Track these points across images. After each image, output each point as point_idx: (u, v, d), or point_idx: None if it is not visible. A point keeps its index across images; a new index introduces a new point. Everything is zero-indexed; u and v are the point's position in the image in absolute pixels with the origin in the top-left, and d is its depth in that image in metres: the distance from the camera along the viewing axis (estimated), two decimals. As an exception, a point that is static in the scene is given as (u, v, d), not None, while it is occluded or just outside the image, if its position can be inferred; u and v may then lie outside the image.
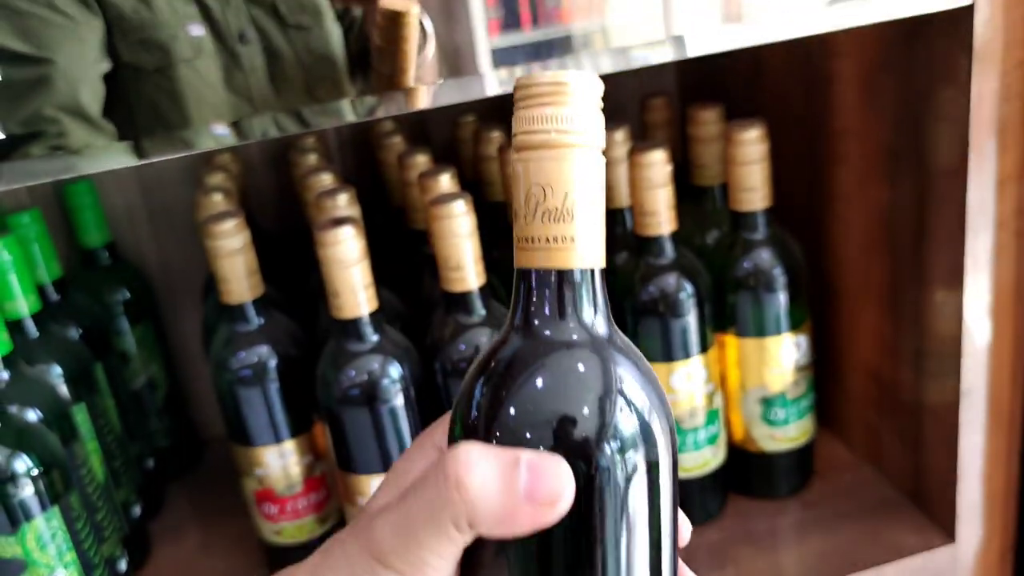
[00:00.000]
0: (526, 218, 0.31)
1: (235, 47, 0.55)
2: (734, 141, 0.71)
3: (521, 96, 0.31)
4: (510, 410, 0.30)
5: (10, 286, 0.74)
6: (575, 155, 0.30)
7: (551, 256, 0.31)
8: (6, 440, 0.63)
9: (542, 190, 0.30)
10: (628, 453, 0.30)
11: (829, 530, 0.77)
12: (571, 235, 0.30)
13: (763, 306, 0.74)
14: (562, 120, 0.30)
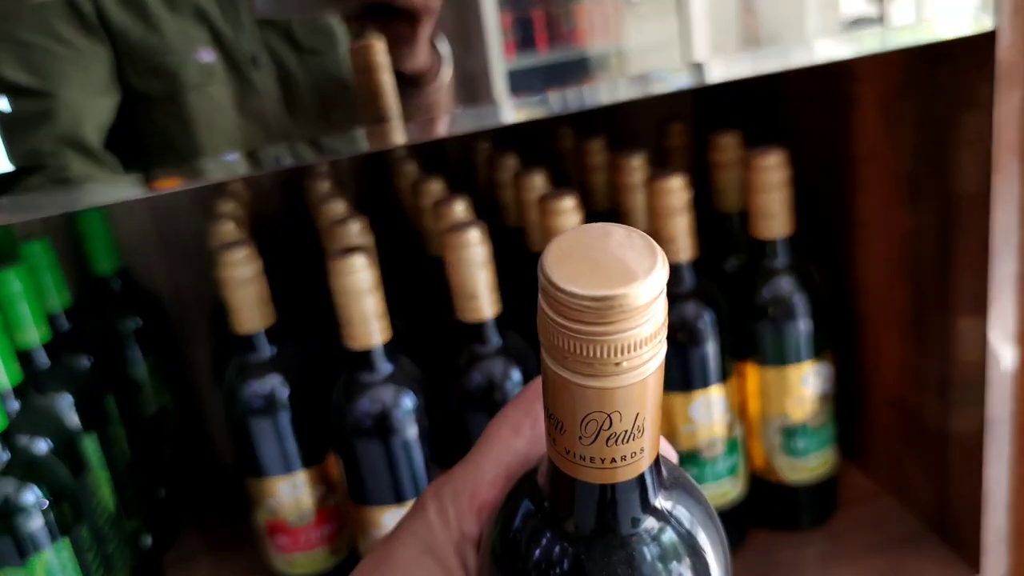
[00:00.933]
0: (582, 440, 0.26)
1: (247, 72, 0.54)
2: (754, 167, 0.70)
3: (572, 305, 0.24)
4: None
5: (20, 316, 0.73)
6: (651, 376, 0.25)
7: (617, 473, 0.27)
8: (16, 471, 0.62)
9: (607, 417, 0.26)
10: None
11: (853, 563, 0.75)
12: (640, 448, 0.27)
13: (784, 334, 0.72)
14: (637, 348, 0.24)
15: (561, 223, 0.66)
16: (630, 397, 0.25)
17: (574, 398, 0.25)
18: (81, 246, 0.88)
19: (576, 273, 0.23)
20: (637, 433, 0.26)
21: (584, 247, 0.24)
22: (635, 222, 0.77)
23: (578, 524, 0.29)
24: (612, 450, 0.26)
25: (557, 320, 0.24)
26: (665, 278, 0.24)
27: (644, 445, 0.27)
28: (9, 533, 0.61)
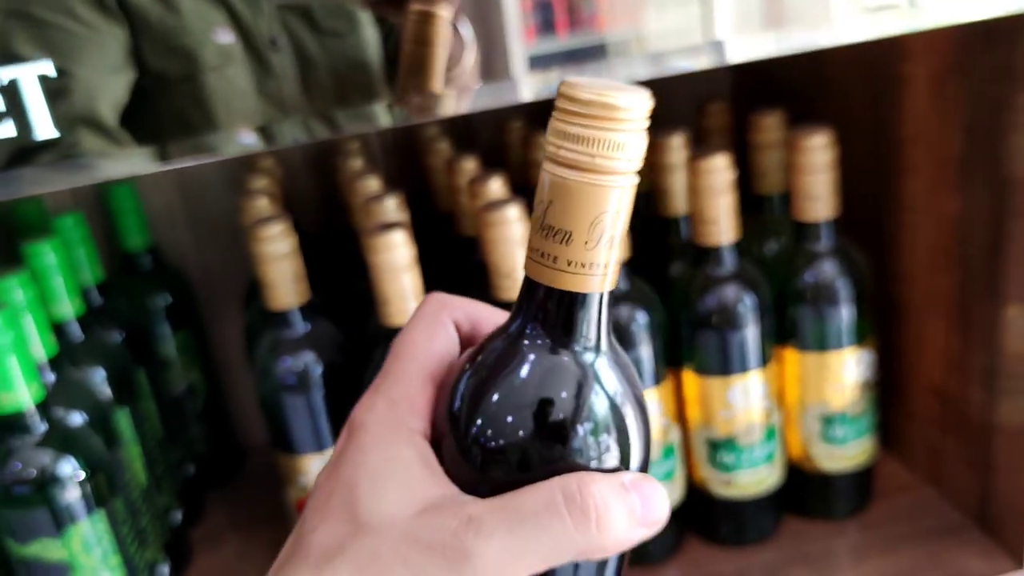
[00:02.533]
0: (546, 233, 0.30)
1: (266, 54, 0.53)
2: (799, 148, 0.68)
3: (567, 108, 0.29)
4: (578, 430, 0.31)
5: (55, 289, 0.73)
6: (615, 184, 0.29)
7: (566, 279, 0.30)
8: (53, 443, 0.62)
9: (601, 217, 0.29)
10: (635, 456, 0.32)
11: (889, 553, 0.73)
12: (591, 262, 0.30)
13: (826, 320, 0.71)
14: (610, 147, 0.28)
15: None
16: (594, 202, 0.29)
17: (547, 188, 0.29)
18: (112, 222, 0.88)
19: (594, 87, 0.28)
20: (591, 243, 0.29)
21: (593, 84, 0.28)
22: (674, 203, 0.76)
23: (525, 327, 0.32)
24: (566, 250, 0.29)
25: (561, 118, 0.29)
26: (649, 111, 0.29)
27: (596, 262, 0.30)
28: (46, 504, 0.61)
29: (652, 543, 0.75)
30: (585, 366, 0.31)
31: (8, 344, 0.59)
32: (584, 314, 0.31)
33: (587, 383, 0.31)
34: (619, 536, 0.29)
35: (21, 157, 0.48)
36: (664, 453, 0.72)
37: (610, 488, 0.29)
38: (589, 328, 0.31)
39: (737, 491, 0.74)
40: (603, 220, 0.29)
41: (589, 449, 0.31)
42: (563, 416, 0.30)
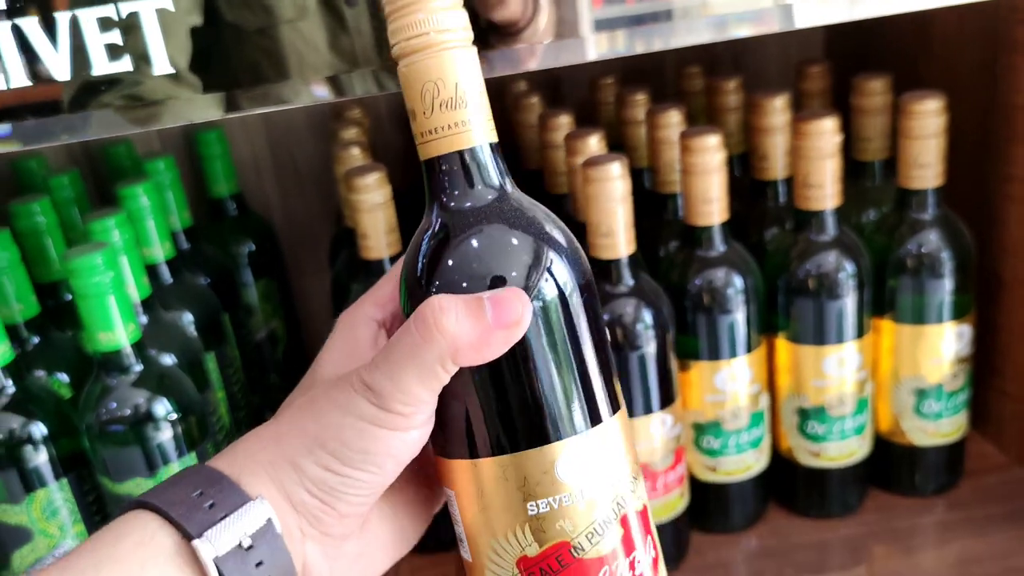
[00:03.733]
0: (425, 113, 0.35)
1: (341, 8, 0.53)
2: (909, 113, 0.66)
3: (392, 8, 0.35)
4: (455, 268, 0.35)
5: (148, 231, 0.73)
6: (456, 49, 0.35)
7: (453, 141, 0.35)
8: (148, 383, 0.62)
9: (435, 85, 0.35)
10: (544, 285, 0.35)
11: (977, 534, 0.72)
12: (467, 119, 0.35)
13: (927, 292, 0.69)
14: (437, 22, 0.34)
15: (703, 161, 0.64)
16: (448, 68, 0.34)
17: (411, 79, 0.35)
18: (199, 168, 0.88)
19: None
20: (461, 103, 0.35)
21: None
22: (773, 166, 0.74)
23: (445, 201, 0.36)
24: (445, 115, 0.35)
25: (391, 19, 0.35)
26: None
27: (470, 117, 0.35)
28: (140, 444, 0.62)
29: (733, 510, 0.75)
30: (478, 213, 0.36)
31: (108, 283, 0.60)
32: (465, 167, 0.36)
33: (481, 232, 0.35)
34: (466, 337, 0.33)
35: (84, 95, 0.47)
36: (752, 420, 0.70)
37: (450, 300, 0.34)
38: (489, 176, 0.36)
39: (825, 462, 0.72)
40: (463, 82, 0.35)
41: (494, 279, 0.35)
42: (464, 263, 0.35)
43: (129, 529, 0.34)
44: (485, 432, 0.35)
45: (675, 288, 0.67)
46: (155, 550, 0.33)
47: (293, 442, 0.35)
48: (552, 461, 0.34)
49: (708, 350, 0.68)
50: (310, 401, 0.36)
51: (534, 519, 0.34)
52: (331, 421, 0.35)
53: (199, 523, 0.33)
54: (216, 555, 0.33)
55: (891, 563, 0.71)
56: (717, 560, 0.73)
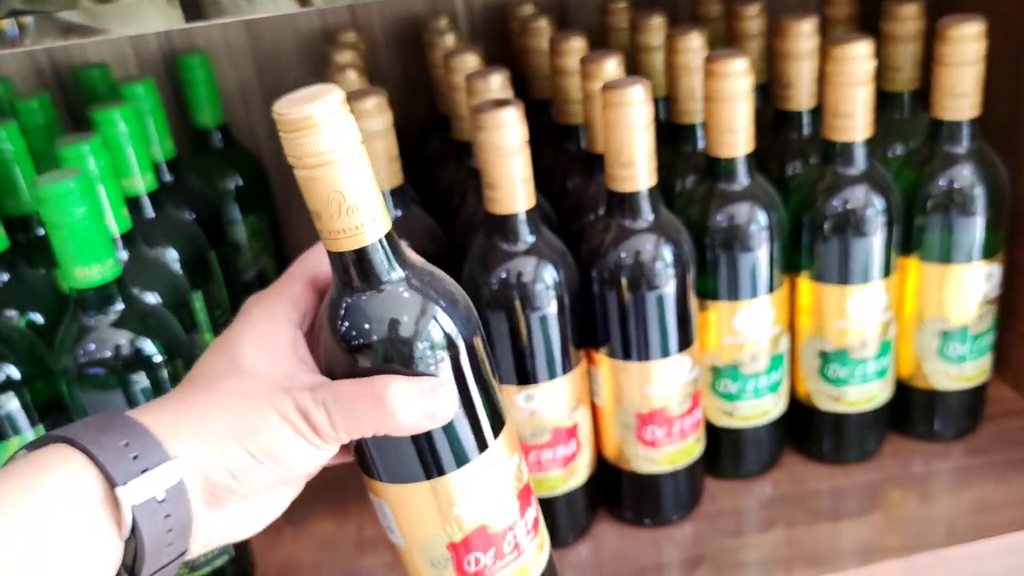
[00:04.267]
0: (332, 217, 0.39)
1: None
2: (948, 38, 0.61)
3: (282, 129, 0.37)
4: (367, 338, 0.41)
5: (127, 160, 0.68)
6: (348, 162, 0.38)
7: (356, 240, 0.39)
8: (130, 323, 0.58)
9: (339, 195, 0.38)
10: (439, 351, 0.41)
11: (999, 479, 0.69)
12: (367, 220, 0.39)
13: (958, 230, 0.65)
14: (328, 142, 0.37)
15: (730, 87, 0.59)
16: (344, 182, 0.38)
17: (313, 190, 0.38)
18: (183, 95, 0.83)
19: (290, 104, 0.37)
20: (359, 208, 0.38)
21: (293, 100, 0.37)
22: (797, 95, 0.69)
23: (351, 285, 0.41)
24: (348, 219, 0.39)
25: (282, 136, 0.37)
26: (342, 101, 0.37)
27: (371, 219, 0.39)
28: (121, 388, 0.58)
29: (748, 456, 0.72)
30: (379, 298, 0.40)
31: (84, 213, 0.55)
32: (365, 261, 0.40)
33: (384, 310, 0.40)
34: (407, 422, 0.39)
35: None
36: (772, 363, 0.67)
37: (402, 388, 0.39)
38: (376, 268, 0.40)
39: (844, 406, 0.69)
40: (358, 190, 0.38)
41: (390, 355, 0.40)
42: (369, 339, 0.40)
43: (55, 462, 0.36)
44: (419, 464, 0.43)
45: (694, 224, 0.63)
46: (78, 488, 0.36)
47: (225, 423, 0.39)
48: (469, 476, 0.43)
49: (728, 289, 0.64)
50: (246, 392, 0.40)
51: (458, 517, 0.44)
52: (269, 421, 0.39)
53: (123, 472, 0.36)
54: (134, 503, 0.36)
55: (908, 509, 0.69)
56: (731, 506, 0.71)
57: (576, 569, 0.67)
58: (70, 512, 0.35)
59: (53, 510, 0.35)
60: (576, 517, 0.68)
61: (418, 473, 0.43)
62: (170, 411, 0.39)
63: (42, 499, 0.35)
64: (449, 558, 0.45)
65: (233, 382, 0.40)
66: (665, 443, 0.65)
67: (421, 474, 0.43)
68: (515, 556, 0.47)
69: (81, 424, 0.38)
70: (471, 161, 0.72)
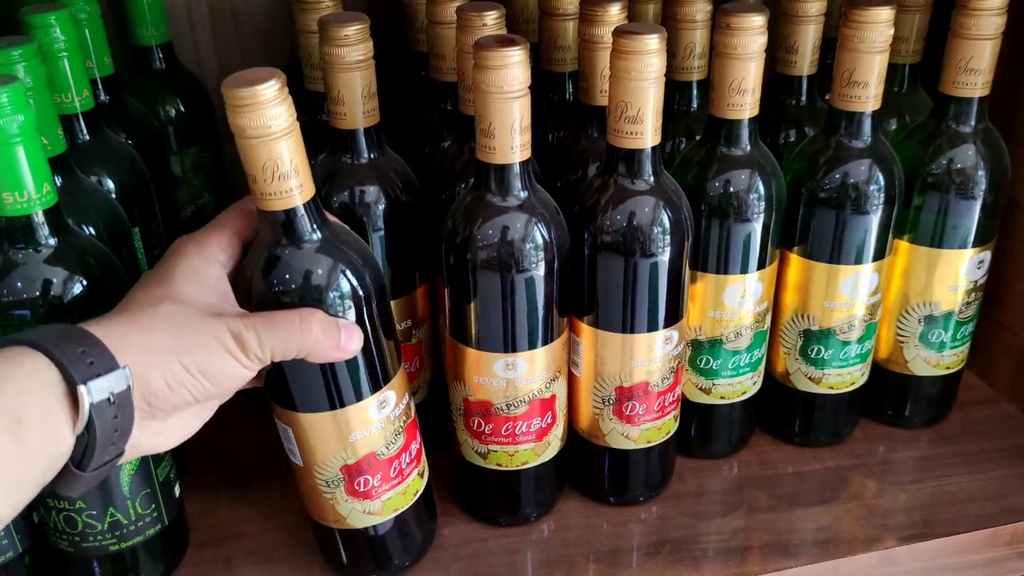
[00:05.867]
0: (266, 181, 0.45)
1: None
2: (970, 9, 0.58)
3: (230, 103, 0.43)
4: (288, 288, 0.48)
5: (64, 71, 0.60)
6: (282, 140, 0.44)
7: (285, 201, 0.46)
8: (64, 259, 0.51)
9: (273, 163, 0.44)
10: (347, 301, 0.49)
11: (974, 471, 0.68)
12: (297, 185, 0.46)
13: (955, 213, 0.63)
14: (270, 118, 0.43)
15: (744, 43, 0.55)
16: (281, 152, 0.44)
17: (252, 156, 0.44)
18: (121, 9, 0.74)
19: (238, 83, 0.43)
20: (292, 175, 0.45)
21: (238, 79, 0.43)
22: (801, 60, 0.66)
23: (279, 241, 0.47)
24: (281, 184, 0.45)
25: (229, 111, 0.43)
26: (282, 83, 0.43)
27: (300, 184, 0.46)
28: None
29: (719, 435, 0.69)
30: (300, 253, 0.47)
31: (17, 129, 0.47)
32: (291, 221, 0.47)
33: (304, 264, 0.47)
34: (320, 349, 0.47)
35: None
36: (755, 340, 0.64)
37: (322, 319, 0.47)
38: (300, 228, 0.47)
39: (823, 388, 0.67)
40: (292, 160, 0.45)
41: (307, 301, 0.47)
42: (290, 287, 0.48)
43: (20, 359, 0.40)
44: (325, 396, 0.51)
45: (689, 190, 0.59)
46: (42, 384, 0.40)
47: (166, 340, 0.44)
48: (366, 409, 0.52)
49: (720, 262, 0.61)
50: (183, 316, 0.45)
51: (352, 443, 0.53)
52: (203, 341, 0.45)
53: (82, 374, 0.40)
54: (91, 402, 0.40)
55: (878, 498, 0.67)
56: (698, 487, 0.68)
57: (538, 546, 0.63)
58: (36, 404, 0.39)
59: (22, 401, 0.39)
60: (543, 493, 0.64)
61: (323, 404, 0.51)
62: (118, 327, 0.43)
63: (11, 389, 0.39)
64: (342, 479, 0.54)
65: (171, 307, 0.45)
66: (644, 419, 0.61)
67: (326, 405, 0.51)
68: (398, 480, 0.55)
69: (39, 331, 0.42)
70: (448, 104, 0.66)
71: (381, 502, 0.56)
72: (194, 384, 0.45)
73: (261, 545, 0.63)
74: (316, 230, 0.48)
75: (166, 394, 0.44)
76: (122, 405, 0.42)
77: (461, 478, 0.64)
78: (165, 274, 0.47)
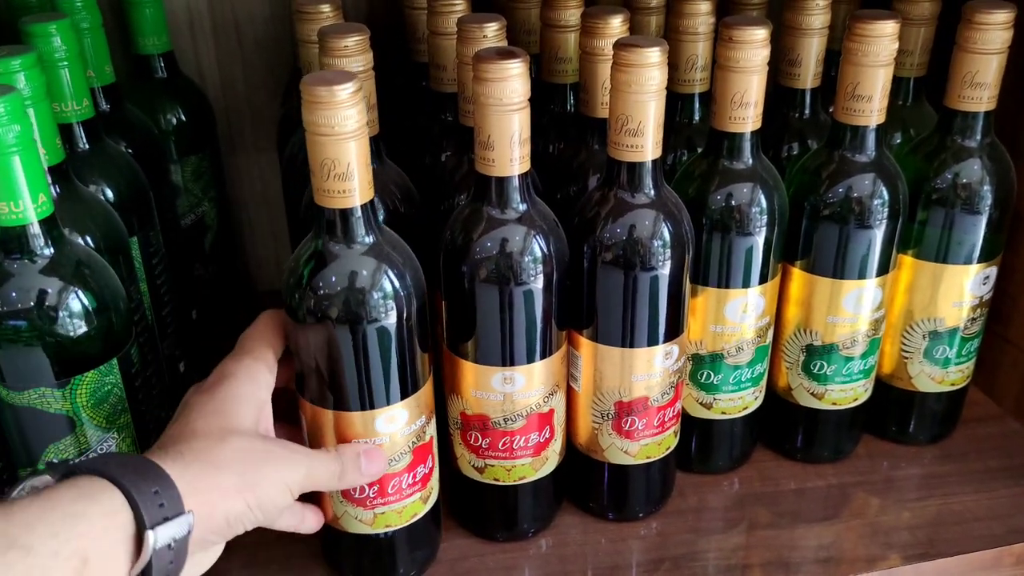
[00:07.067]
0: (322, 178, 0.47)
1: None
2: (975, 24, 0.58)
3: (307, 99, 0.45)
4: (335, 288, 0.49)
5: (62, 81, 0.60)
6: (352, 140, 0.46)
7: (342, 201, 0.47)
8: (60, 270, 0.50)
9: (332, 161, 0.46)
10: (390, 304, 0.50)
11: (979, 490, 0.67)
12: (352, 188, 0.47)
13: (961, 228, 0.63)
14: (341, 119, 0.45)
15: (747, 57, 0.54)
16: (344, 154, 0.46)
17: (316, 151, 0.46)
18: (124, 18, 0.74)
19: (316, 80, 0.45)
20: (350, 176, 0.46)
21: (317, 78, 0.45)
22: (804, 73, 0.65)
23: (330, 239, 0.49)
24: (337, 184, 0.47)
25: (304, 107, 0.45)
26: (352, 89, 0.45)
27: (355, 187, 0.47)
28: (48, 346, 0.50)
29: (721, 451, 0.68)
30: (350, 254, 0.49)
31: (14, 139, 0.47)
32: (342, 221, 0.48)
33: (349, 264, 0.49)
34: (353, 482, 0.52)
35: None
36: (757, 354, 0.63)
37: (353, 453, 0.52)
38: (351, 228, 0.49)
39: (826, 404, 0.66)
40: (353, 162, 0.46)
41: (348, 301, 0.49)
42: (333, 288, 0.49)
43: (97, 495, 0.41)
44: (358, 396, 0.52)
45: (690, 203, 0.59)
46: (115, 525, 0.41)
47: (234, 479, 0.46)
48: (373, 420, 0.53)
49: (722, 276, 0.60)
50: (250, 452, 0.47)
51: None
52: (268, 477, 0.47)
53: (152, 516, 0.41)
54: (155, 547, 0.41)
55: (881, 516, 0.66)
56: (698, 503, 0.67)
57: (536, 562, 0.62)
58: (104, 548, 0.40)
59: (92, 543, 0.40)
60: (541, 507, 0.63)
61: (355, 404, 0.52)
62: (192, 467, 0.45)
63: (84, 528, 0.40)
64: None
65: (238, 442, 0.47)
66: (643, 435, 0.60)
67: (357, 406, 0.52)
68: (396, 499, 0.56)
69: (116, 462, 0.43)
70: (448, 115, 0.66)
71: (373, 514, 0.56)
72: (251, 519, 0.47)
73: (257, 558, 0.63)
74: (367, 233, 0.49)
75: (223, 530, 0.46)
76: (179, 551, 0.43)
77: (458, 493, 0.64)
78: (223, 403, 0.49)
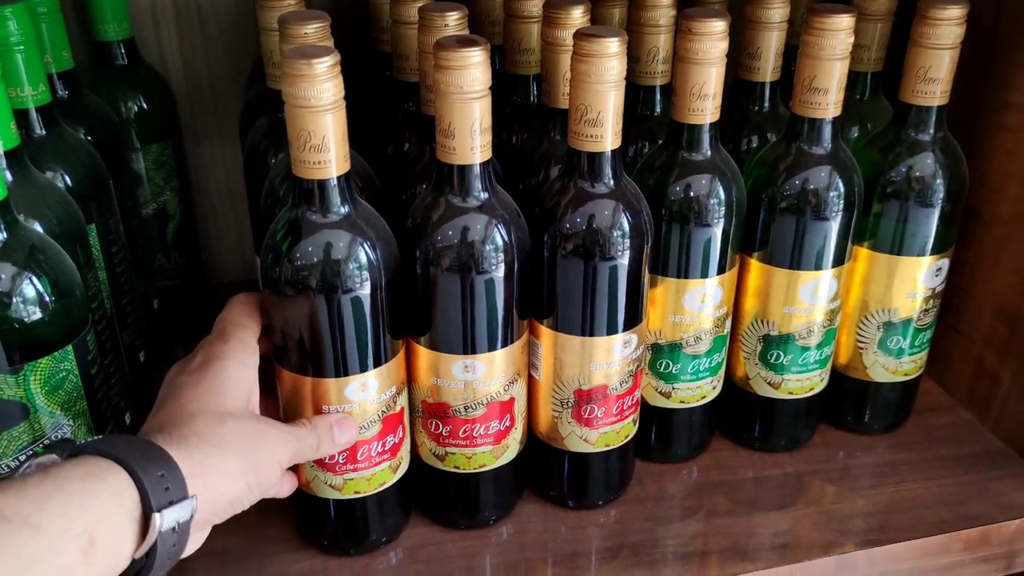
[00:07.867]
0: (299, 149, 0.48)
1: None
2: (929, 19, 0.59)
3: (286, 71, 0.46)
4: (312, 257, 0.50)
5: (17, 65, 0.59)
6: (329, 112, 0.47)
7: (318, 172, 0.49)
8: (13, 255, 0.50)
9: (308, 133, 0.47)
10: (364, 274, 0.51)
11: (929, 477, 0.69)
12: (328, 159, 0.48)
13: (914, 220, 0.64)
14: (319, 91, 0.46)
15: (706, 49, 0.55)
16: (320, 125, 0.47)
17: (293, 122, 0.47)
18: (84, 2, 0.73)
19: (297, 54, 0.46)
20: (326, 148, 0.48)
21: (303, 49, 0.47)
22: (764, 66, 0.66)
23: (306, 208, 0.50)
24: (313, 155, 0.48)
25: (284, 80, 0.46)
26: (330, 63, 0.46)
27: (331, 158, 0.48)
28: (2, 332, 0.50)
29: (679, 439, 0.69)
30: (325, 224, 0.50)
31: (-32, 124, 0.47)
32: (319, 191, 0.49)
33: (325, 237, 0.50)
34: (327, 451, 0.54)
35: None
36: (715, 344, 0.64)
37: (326, 424, 0.53)
38: (327, 199, 0.50)
39: (782, 394, 0.67)
40: (329, 134, 0.47)
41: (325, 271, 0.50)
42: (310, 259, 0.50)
43: (104, 475, 0.42)
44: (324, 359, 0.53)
45: (649, 194, 0.59)
46: (122, 506, 0.41)
47: (237, 461, 0.47)
48: (344, 387, 0.54)
49: (680, 266, 0.61)
50: (249, 432, 0.49)
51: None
52: (265, 458, 0.49)
53: (159, 499, 0.42)
54: (160, 529, 0.42)
55: (836, 503, 0.67)
56: (657, 491, 0.68)
57: (496, 550, 0.62)
58: (112, 527, 0.41)
59: (100, 522, 0.40)
60: (501, 495, 0.64)
61: (330, 372, 0.53)
62: (196, 450, 0.46)
63: (93, 507, 0.40)
64: None
65: (236, 425, 0.48)
66: (603, 423, 0.61)
67: (332, 373, 0.53)
68: (366, 466, 0.57)
69: (122, 445, 0.43)
70: (411, 104, 0.66)
71: (343, 479, 0.57)
72: (250, 499, 0.48)
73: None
74: (342, 205, 0.50)
75: (225, 511, 0.47)
76: (182, 533, 0.43)
77: (419, 480, 0.64)
78: (216, 384, 0.49)
